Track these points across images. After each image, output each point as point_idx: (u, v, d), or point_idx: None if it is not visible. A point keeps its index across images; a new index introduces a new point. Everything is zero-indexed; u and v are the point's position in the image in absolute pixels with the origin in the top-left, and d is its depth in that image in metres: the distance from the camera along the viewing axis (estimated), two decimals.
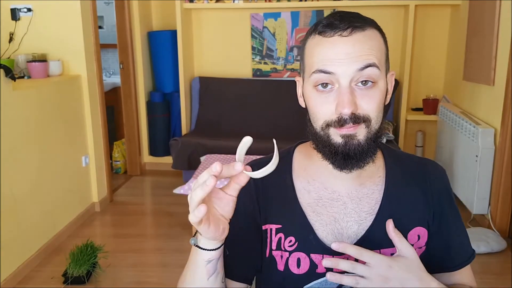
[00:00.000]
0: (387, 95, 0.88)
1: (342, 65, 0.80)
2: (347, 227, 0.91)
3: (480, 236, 3.01)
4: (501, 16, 3.13)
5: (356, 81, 0.81)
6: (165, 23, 4.60)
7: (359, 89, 0.81)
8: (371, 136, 0.84)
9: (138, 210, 3.83)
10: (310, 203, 0.93)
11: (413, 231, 0.92)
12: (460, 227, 0.99)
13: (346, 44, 0.80)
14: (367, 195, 0.92)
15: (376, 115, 0.84)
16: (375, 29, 0.84)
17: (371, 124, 0.83)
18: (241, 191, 0.97)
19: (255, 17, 4.39)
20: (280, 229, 0.94)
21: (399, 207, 0.93)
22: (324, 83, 0.82)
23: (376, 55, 0.82)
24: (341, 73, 0.80)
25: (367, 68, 0.80)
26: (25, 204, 2.84)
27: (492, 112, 3.25)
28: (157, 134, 4.59)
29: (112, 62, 5.51)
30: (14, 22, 3.37)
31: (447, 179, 0.99)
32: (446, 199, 0.96)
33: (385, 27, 3.60)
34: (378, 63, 0.82)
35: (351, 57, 0.80)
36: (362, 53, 0.80)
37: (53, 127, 3.17)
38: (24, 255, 2.82)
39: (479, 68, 3.43)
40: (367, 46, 0.81)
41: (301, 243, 0.92)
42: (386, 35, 0.89)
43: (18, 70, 3.28)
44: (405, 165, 0.97)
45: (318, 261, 0.91)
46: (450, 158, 3.70)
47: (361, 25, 0.82)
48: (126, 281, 2.72)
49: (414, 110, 4.33)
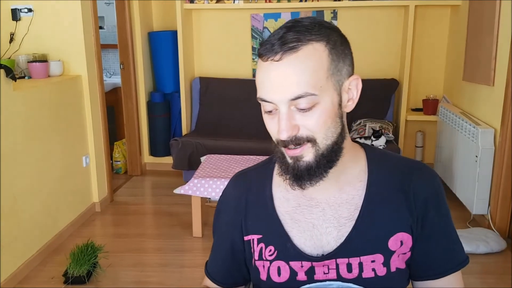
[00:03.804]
0: (349, 101, 0.86)
1: (276, 93, 0.80)
2: (326, 233, 0.91)
3: (479, 236, 3.01)
4: (501, 16, 3.14)
5: (294, 105, 0.81)
6: (166, 23, 4.60)
7: (299, 112, 0.81)
8: (320, 154, 0.84)
9: (139, 210, 3.83)
10: (289, 211, 0.94)
11: (395, 237, 0.90)
12: (448, 233, 0.94)
13: (277, 70, 0.79)
14: (347, 201, 0.91)
15: (322, 133, 0.83)
16: (316, 43, 0.80)
17: (318, 142, 0.83)
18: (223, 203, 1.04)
19: (255, 18, 4.40)
20: (261, 239, 0.96)
21: (380, 213, 0.90)
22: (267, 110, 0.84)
23: (309, 80, 0.79)
24: (277, 101, 0.81)
25: (297, 99, 0.79)
26: (26, 204, 2.84)
27: (492, 112, 3.25)
28: (157, 134, 4.60)
29: (112, 63, 5.51)
30: (14, 23, 3.38)
31: (437, 183, 0.94)
32: (432, 204, 0.92)
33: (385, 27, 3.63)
34: (312, 88, 0.79)
35: (283, 86, 0.80)
36: (291, 82, 0.79)
37: (54, 127, 3.17)
38: (24, 255, 2.82)
39: (479, 69, 3.43)
40: (298, 73, 0.79)
41: (280, 251, 0.93)
42: (386, 35, 0.89)
43: (18, 71, 3.29)
44: (390, 169, 0.94)
45: (297, 268, 0.91)
46: (450, 159, 3.70)
47: (294, 45, 0.79)
48: (126, 281, 2.73)
49: (414, 110, 4.34)
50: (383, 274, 0.88)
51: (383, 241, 0.89)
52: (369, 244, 0.89)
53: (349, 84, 0.86)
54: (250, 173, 1.03)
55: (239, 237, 0.98)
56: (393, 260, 0.89)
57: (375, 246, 0.89)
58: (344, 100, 0.85)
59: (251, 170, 1.03)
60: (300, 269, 0.91)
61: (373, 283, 0.88)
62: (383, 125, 3.97)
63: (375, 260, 0.88)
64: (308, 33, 0.80)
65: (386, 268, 0.89)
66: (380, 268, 0.88)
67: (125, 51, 4.32)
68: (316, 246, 0.91)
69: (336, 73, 0.83)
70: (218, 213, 1.04)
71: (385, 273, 0.89)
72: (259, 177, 1.00)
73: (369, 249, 0.89)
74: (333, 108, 0.83)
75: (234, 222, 0.99)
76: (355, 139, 4.20)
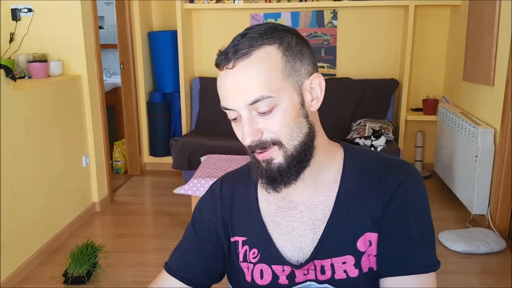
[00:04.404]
0: (313, 101, 0.86)
1: (234, 100, 0.82)
2: (304, 235, 0.91)
3: (479, 236, 3.01)
4: (501, 16, 3.14)
5: (254, 109, 0.82)
6: (166, 23, 4.60)
7: (260, 116, 0.82)
8: (289, 156, 0.84)
9: (139, 210, 3.83)
10: (270, 214, 0.95)
11: (363, 237, 0.88)
12: (409, 235, 0.87)
13: (232, 78, 0.81)
14: (322, 202, 0.91)
15: (286, 134, 0.83)
16: (268, 46, 0.81)
17: (284, 144, 0.83)
18: (204, 202, 1.03)
19: (255, 18, 4.40)
20: (245, 241, 0.96)
21: (351, 213, 0.89)
22: (232, 117, 0.86)
23: (264, 83, 0.80)
24: (237, 107, 0.82)
25: (255, 103, 0.80)
26: (25, 204, 2.84)
27: (492, 112, 3.25)
28: (157, 134, 4.60)
29: (112, 62, 5.51)
30: (14, 22, 3.38)
31: (417, 186, 0.89)
32: (404, 207, 0.87)
33: (385, 27, 3.64)
34: (268, 91, 0.80)
35: (239, 92, 0.81)
36: (247, 87, 0.80)
37: (54, 127, 3.17)
38: (24, 255, 2.82)
39: (479, 69, 3.43)
40: (252, 77, 0.80)
41: (263, 254, 0.94)
42: (386, 35, 0.88)
43: (18, 70, 3.29)
44: (365, 168, 0.92)
45: (279, 272, 0.92)
46: (450, 159, 3.70)
47: (246, 51, 0.80)
48: (126, 281, 2.73)
49: (414, 110, 4.34)
50: (355, 275, 0.88)
51: (352, 242, 0.89)
52: (339, 246, 0.89)
53: (311, 83, 0.85)
54: (235, 176, 1.03)
55: (226, 237, 0.99)
56: (364, 261, 0.88)
57: (344, 248, 0.89)
58: (307, 99, 0.85)
59: (237, 174, 1.04)
60: (281, 273, 0.92)
61: (346, 284, 0.88)
62: (383, 125, 3.97)
63: (346, 262, 0.88)
64: (261, 38, 0.81)
65: (358, 269, 0.88)
66: (352, 270, 0.88)
67: (125, 51, 4.32)
68: (296, 248, 0.91)
69: (294, 73, 0.83)
70: (200, 211, 1.03)
71: (358, 274, 0.88)
72: (244, 179, 1.00)
73: (339, 251, 0.89)
74: (294, 108, 0.83)
75: (219, 222, 0.99)
76: (354, 139, 4.15)
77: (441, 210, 3.59)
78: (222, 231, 0.99)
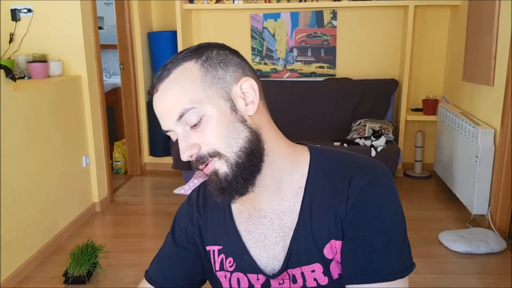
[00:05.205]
0: (248, 105, 0.84)
1: (165, 121, 0.85)
2: (276, 243, 0.91)
3: (480, 237, 3.01)
4: (501, 16, 3.14)
5: (185, 124, 0.83)
6: (165, 23, 4.60)
7: (193, 131, 0.83)
8: (233, 164, 0.82)
9: (139, 210, 3.83)
10: (243, 223, 0.94)
11: (329, 245, 0.87)
12: (368, 240, 0.84)
13: (158, 101, 0.85)
14: (289, 209, 0.90)
15: (222, 143, 0.82)
16: (186, 62, 0.84)
17: (222, 154, 0.82)
18: (183, 210, 1.04)
19: (255, 18, 4.40)
20: (221, 250, 0.96)
21: (316, 220, 0.87)
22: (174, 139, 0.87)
23: (184, 96, 0.82)
24: (169, 127, 0.85)
25: (181, 118, 0.82)
26: (25, 204, 2.84)
27: (492, 112, 3.25)
28: (157, 134, 4.59)
29: (112, 63, 5.51)
30: (14, 23, 3.38)
31: (381, 191, 0.85)
32: (365, 212, 0.84)
33: (385, 27, 3.64)
34: (189, 103, 0.81)
35: (166, 112, 0.84)
36: (171, 105, 0.83)
37: (54, 128, 3.17)
38: (24, 255, 2.82)
39: (478, 69, 3.43)
40: (174, 94, 0.82)
41: (238, 263, 0.94)
42: (385, 35, 0.88)
43: (18, 71, 3.29)
44: (331, 171, 0.89)
45: (254, 281, 0.92)
46: (450, 159, 3.71)
47: (166, 73, 0.84)
48: (126, 281, 2.73)
49: (414, 110, 4.34)
50: (325, 283, 0.87)
51: (319, 250, 0.87)
52: (306, 254, 0.88)
53: (241, 88, 0.84)
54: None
55: (202, 245, 0.99)
56: (332, 267, 0.87)
57: (312, 256, 0.87)
58: (240, 105, 0.84)
59: None
60: (256, 281, 0.92)
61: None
62: (383, 125, 3.97)
63: (315, 270, 0.88)
64: (181, 58, 0.85)
65: (328, 276, 0.87)
66: (322, 277, 0.87)
67: (125, 51, 4.32)
68: (270, 256, 0.91)
69: (217, 82, 0.83)
70: (179, 219, 1.04)
71: (327, 282, 0.87)
72: None
73: (307, 259, 0.88)
74: (223, 115, 0.82)
75: (196, 230, 0.99)
76: (354, 139, 4.15)
77: (441, 210, 3.60)
78: (199, 239, 0.99)
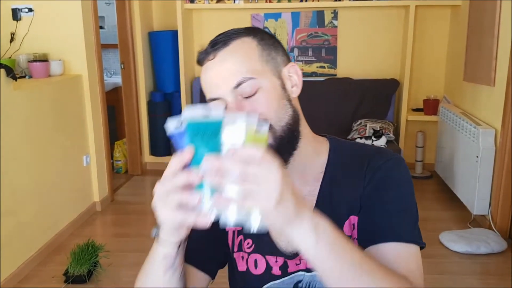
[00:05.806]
0: (293, 87, 0.90)
1: (219, 88, 0.86)
2: None
3: (480, 237, 3.01)
4: (502, 16, 3.13)
5: (239, 94, 0.85)
6: (166, 23, 4.60)
7: (245, 100, 0.85)
8: (277, 137, 0.86)
9: (139, 210, 3.83)
10: None
11: (348, 221, 0.91)
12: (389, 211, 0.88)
13: (214, 67, 0.86)
14: (310, 192, 0.94)
15: (272, 115, 0.86)
16: (245, 37, 0.87)
17: (271, 125, 0.85)
18: None
19: (255, 18, 4.40)
20: (240, 231, 0.99)
21: (335, 199, 0.92)
22: None
23: (244, 66, 0.85)
24: (222, 94, 0.86)
25: (239, 86, 0.84)
26: (26, 204, 2.84)
27: (493, 112, 3.25)
28: (158, 134, 4.60)
29: (113, 62, 5.51)
30: (15, 22, 3.38)
31: (397, 169, 0.91)
32: (382, 186, 0.89)
33: (386, 27, 3.63)
34: (249, 73, 0.84)
35: (222, 78, 0.85)
36: (229, 73, 0.85)
37: (54, 127, 3.17)
38: (25, 254, 2.82)
39: (479, 69, 3.43)
40: (233, 62, 0.85)
41: (257, 245, 0.96)
42: (386, 35, 0.89)
43: (19, 70, 3.29)
44: (349, 156, 0.95)
45: (272, 263, 0.95)
46: (451, 159, 3.70)
47: (224, 41, 0.86)
48: (127, 280, 2.72)
49: (415, 110, 4.34)
50: None
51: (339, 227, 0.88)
52: None
53: (289, 72, 0.90)
54: None
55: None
56: None
57: None
58: (287, 85, 0.90)
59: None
60: (274, 264, 0.95)
61: None
62: (384, 125, 3.97)
63: None
64: (236, 33, 0.88)
65: None
66: None
67: (126, 51, 4.32)
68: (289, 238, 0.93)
69: (271, 60, 0.88)
70: None
71: None
72: None
73: None
74: (275, 90, 0.87)
75: None
76: (354, 139, 4.15)
77: (441, 210, 3.59)
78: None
